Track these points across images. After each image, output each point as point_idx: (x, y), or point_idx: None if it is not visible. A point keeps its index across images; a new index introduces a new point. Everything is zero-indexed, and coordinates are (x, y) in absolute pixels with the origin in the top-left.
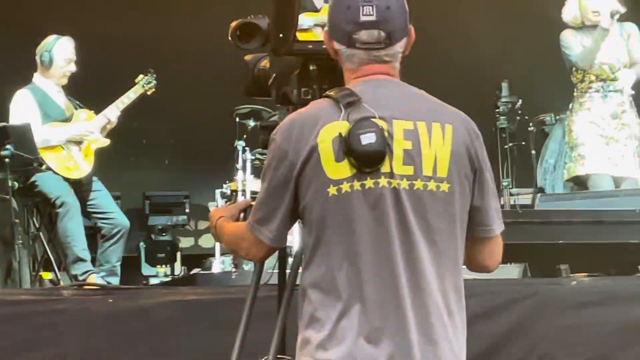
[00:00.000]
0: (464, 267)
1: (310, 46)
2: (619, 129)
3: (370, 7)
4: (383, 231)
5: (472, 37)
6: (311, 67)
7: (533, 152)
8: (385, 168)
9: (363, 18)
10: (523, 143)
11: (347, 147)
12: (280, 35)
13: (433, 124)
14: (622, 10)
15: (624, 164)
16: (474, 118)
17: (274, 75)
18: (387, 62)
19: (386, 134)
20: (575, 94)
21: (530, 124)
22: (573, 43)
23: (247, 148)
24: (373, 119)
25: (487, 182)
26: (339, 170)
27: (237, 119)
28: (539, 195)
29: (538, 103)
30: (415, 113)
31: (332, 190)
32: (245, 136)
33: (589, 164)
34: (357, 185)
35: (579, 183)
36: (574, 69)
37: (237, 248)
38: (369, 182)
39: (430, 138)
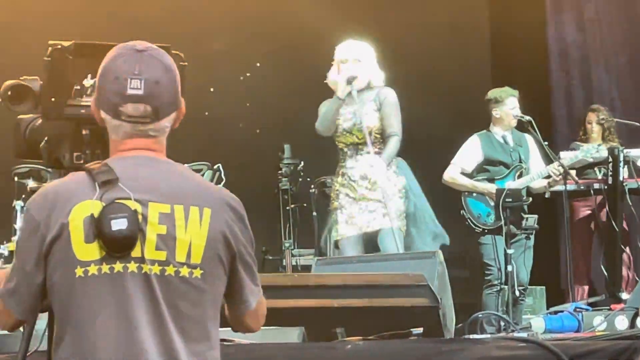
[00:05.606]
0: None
1: (82, 111)
2: (369, 189)
3: (139, 81)
4: (129, 318)
5: (256, 100)
6: (84, 132)
7: (314, 213)
8: (136, 253)
9: (130, 91)
10: (305, 205)
11: (97, 230)
12: (52, 99)
13: (191, 208)
14: (357, 74)
15: (377, 218)
16: (256, 179)
17: (46, 138)
18: (152, 136)
19: (140, 217)
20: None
21: (312, 186)
22: (320, 112)
23: None
24: (128, 201)
25: (246, 264)
26: (88, 251)
27: (16, 179)
28: (315, 259)
29: (320, 165)
30: (174, 196)
31: (79, 271)
32: (24, 196)
33: (341, 228)
34: (105, 268)
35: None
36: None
37: None
38: (118, 266)
39: (187, 223)
